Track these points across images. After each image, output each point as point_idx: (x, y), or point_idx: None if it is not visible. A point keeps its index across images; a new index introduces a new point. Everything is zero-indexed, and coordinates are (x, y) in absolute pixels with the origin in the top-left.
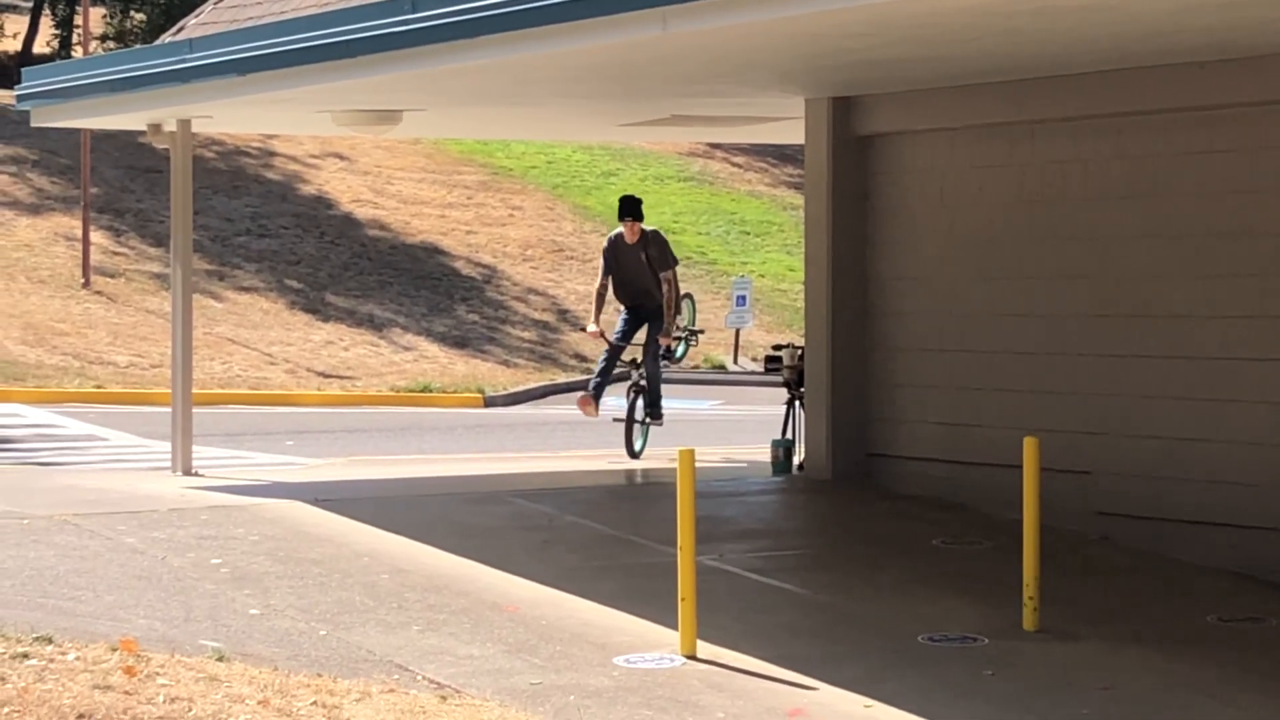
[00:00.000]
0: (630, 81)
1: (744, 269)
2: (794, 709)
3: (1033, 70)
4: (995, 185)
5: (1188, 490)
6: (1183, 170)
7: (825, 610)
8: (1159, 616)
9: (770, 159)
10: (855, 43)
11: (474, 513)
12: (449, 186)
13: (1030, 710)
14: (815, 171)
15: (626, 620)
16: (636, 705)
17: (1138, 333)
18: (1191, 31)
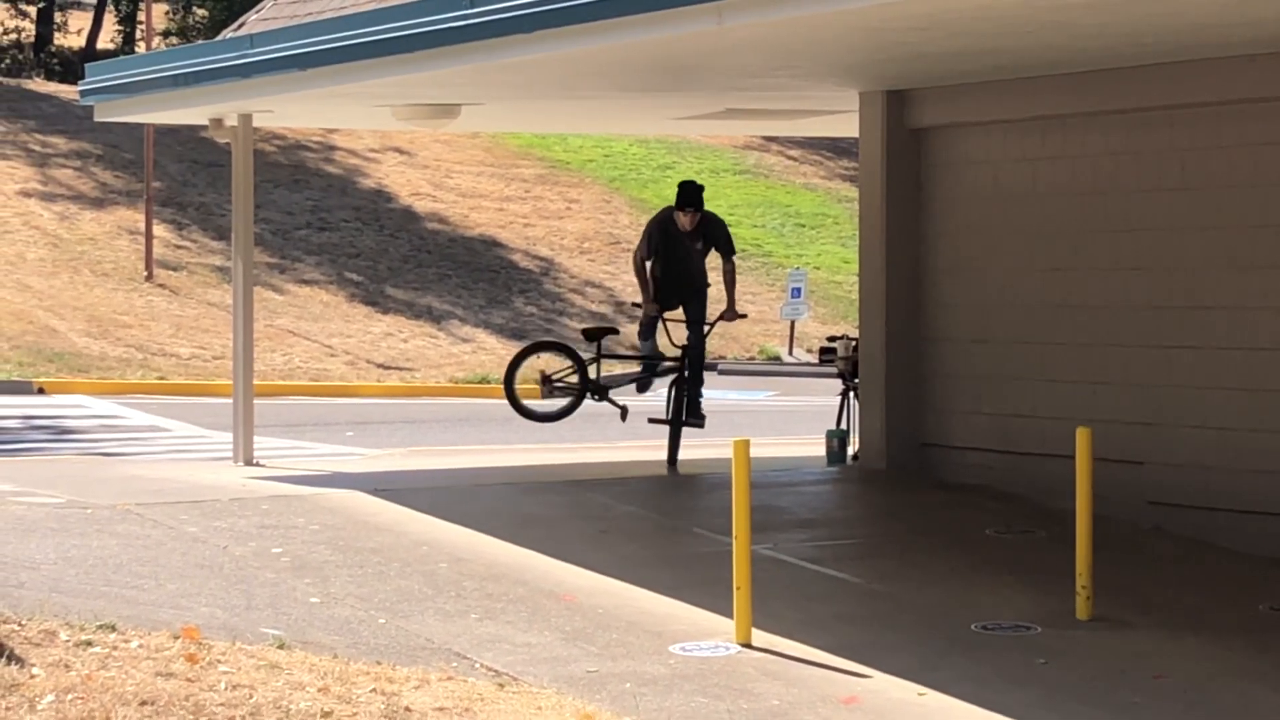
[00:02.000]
0: (685, 75)
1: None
2: (848, 696)
3: (1085, 63)
4: (1048, 177)
5: (1239, 480)
6: (1235, 162)
7: (879, 599)
8: (1211, 605)
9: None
10: (912, 36)
11: (531, 502)
12: (507, 180)
13: (1083, 699)
14: (869, 164)
15: (682, 609)
16: (692, 693)
17: (1190, 324)
18: (1244, 24)
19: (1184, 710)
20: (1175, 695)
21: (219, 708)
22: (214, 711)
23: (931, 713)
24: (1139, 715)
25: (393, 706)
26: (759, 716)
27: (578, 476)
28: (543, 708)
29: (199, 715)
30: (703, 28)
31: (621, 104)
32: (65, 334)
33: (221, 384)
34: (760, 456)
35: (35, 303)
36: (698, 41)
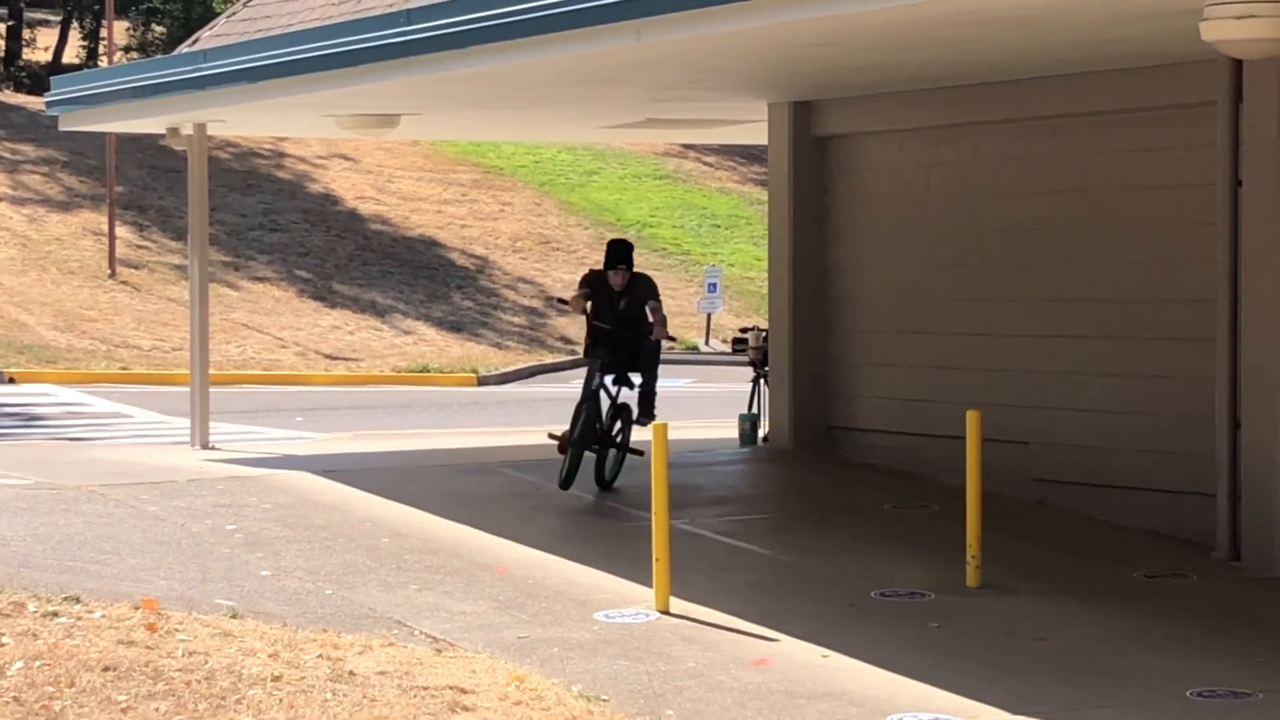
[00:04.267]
0: (608, 88)
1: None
2: (759, 659)
3: (977, 76)
4: (943, 181)
5: (1116, 458)
6: (1112, 167)
7: (788, 569)
8: (1090, 573)
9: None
10: (816, 52)
11: (468, 482)
12: (445, 184)
13: (973, 659)
14: (778, 170)
15: (606, 579)
16: (615, 656)
17: (1073, 315)
18: (1120, 41)
19: (1065, 669)
20: (1057, 655)
21: (176, 673)
22: (172, 676)
23: (835, 673)
24: (1024, 674)
25: (338, 670)
26: (676, 677)
27: (511, 458)
28: (477, 671)
29: (158, 680)
30: (622, 44)
31: (550, 114)
32: (34, 327)
33: (180, 374)
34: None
35: (5, 299)
36: (618, 57)
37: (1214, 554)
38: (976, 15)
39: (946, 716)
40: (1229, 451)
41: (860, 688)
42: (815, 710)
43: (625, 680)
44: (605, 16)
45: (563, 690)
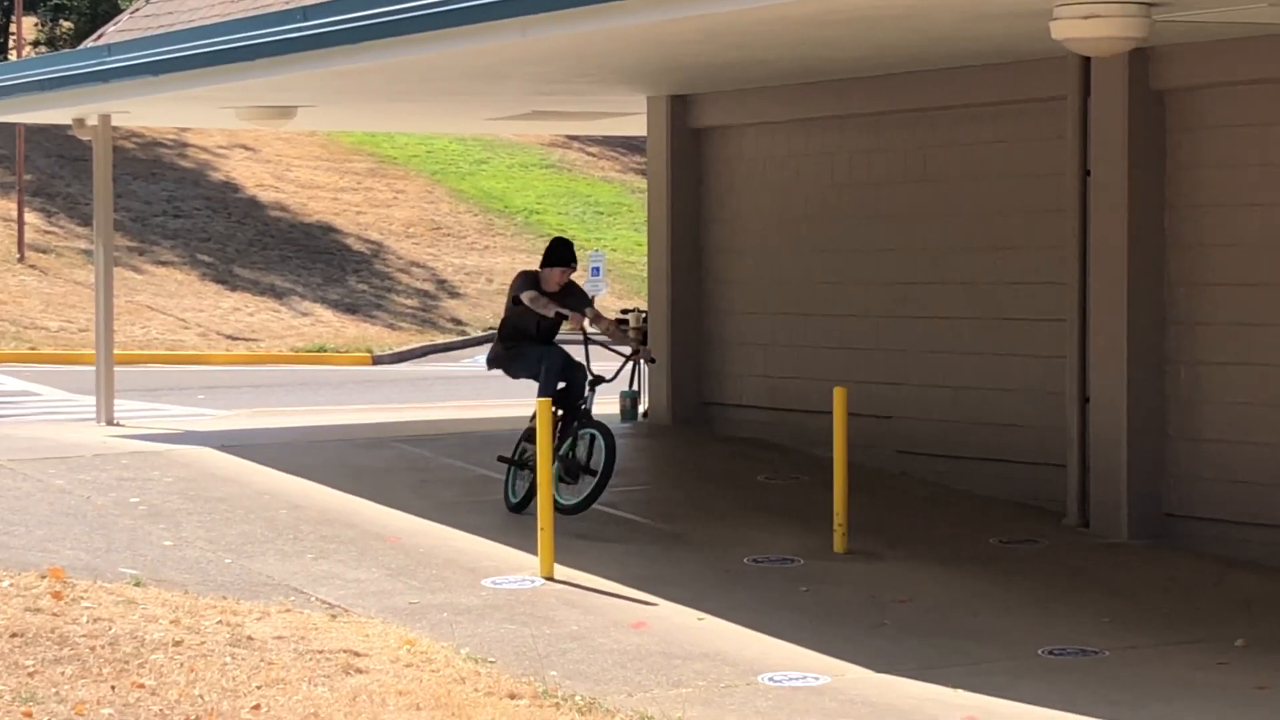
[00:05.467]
0: (495, 81)
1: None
2: (637, 621)
3: (846, 72)
4: (811, 171)
5: (973, 431)
6: (971, 158)
7: (666, 537)
8: (950, 539)
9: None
10: (691, 48)
11: (362, 456)
12: (341, 173)
13: (839, 621)
14: (656, 160)
15: (494, 548)
16: (501, 620)
17: (932, 297)
18: (976, 39)
19: (926, 629)
20: (918, 616)
21: (82, 638)
22: (77, 642)
23: (709, 635)
24: (887, 634)
25: (237, 635)
26: (559, 640)
27: (403, 434)
28: (370, 635)
29: (64, 645)
30: (508, 40)
31: (441, 106)
32: None
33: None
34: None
35: None
36: (504, 52)
37: (1065, 521)
38: (843, 14)
39: (814, 674)
40: (1078, 425)
41: (734, 648)
42: (691, 670)
43: (511, 643)
44: (492, 14)
45: (452, 653)
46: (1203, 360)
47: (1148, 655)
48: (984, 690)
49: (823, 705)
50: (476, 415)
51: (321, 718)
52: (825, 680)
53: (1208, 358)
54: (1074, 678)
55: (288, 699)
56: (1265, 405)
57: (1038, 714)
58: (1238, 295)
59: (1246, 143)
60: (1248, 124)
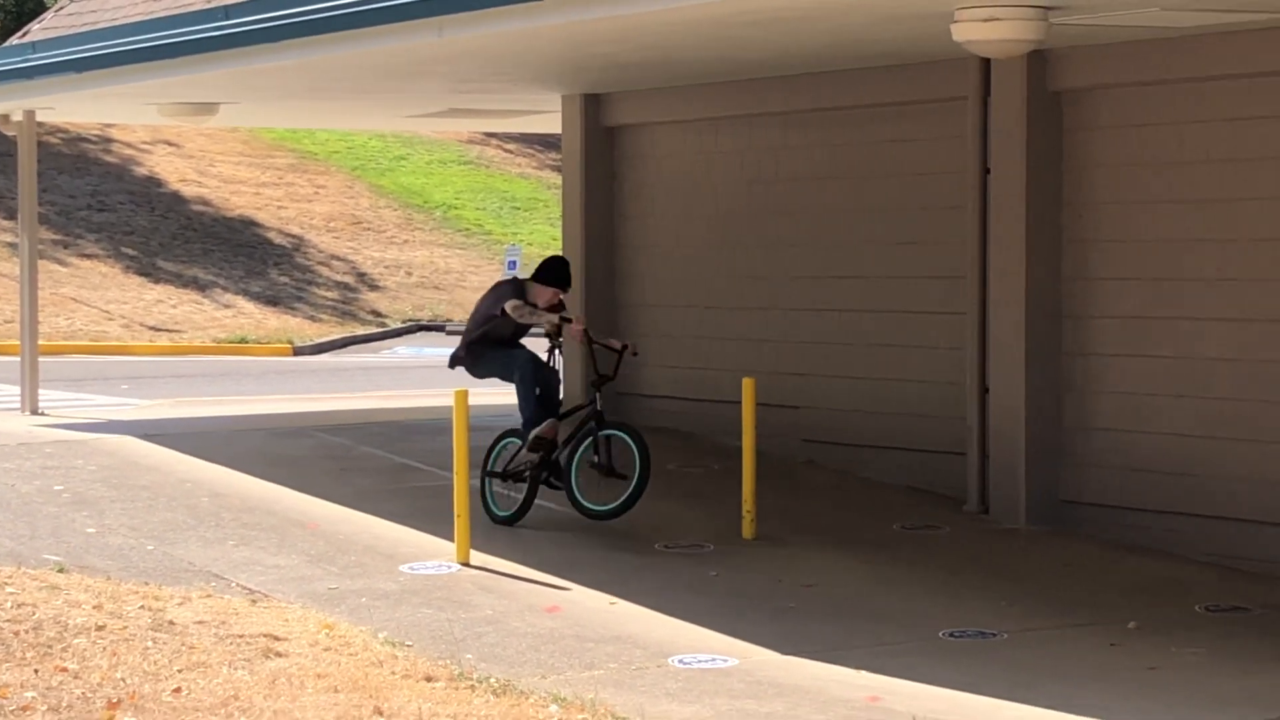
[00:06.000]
0: (413, 80)
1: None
2: (551, 606)
3: (755, 72)
4: (722, 168)
5: (878, 421)
6: (875, 156)
7: (579, 524)
8: (854, 526)
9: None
10: (604, 48)
11: (282, 445)
12: (263, 168)
13: (747, 604)
14: (571, 157)
15: (411, 534)
16: (418, 605)
17: (840, 291)
18: (881, 41)
19: (830, 612)
20: (823, 600)
21: (5, 623)
22: (1, 627)
23: (621, 618)
24: (793, 617)
25: (158, 620)
26: (475, 624)
27: (323, 423)
28: (289, 619)
29: None
30: (425, 40)
31: (361, 103)
32: None
33: (11, 344)
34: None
35: None
36: (422, 51)
37: (965, 507)
38: (751, 16)
39: (722, 656)
40: (978, 415)
41: (644, 631)
42: (603, 652)
43: (428, 627)
44: (409, 14)
45: (369, 637)
46: (1097, 352)
47: (1044, 637)
48: (886, 671)
49: (730, 686)
50: (396, 405)
51: (241, 700)
52: (733, 662)
53: (1102, 350)
54: (973, 659)
55: (208, 682)
56: (1155, 395)
57: (938, 694)
58: (1130, 289)
59: (1139, 142)
60: (1140, 124)
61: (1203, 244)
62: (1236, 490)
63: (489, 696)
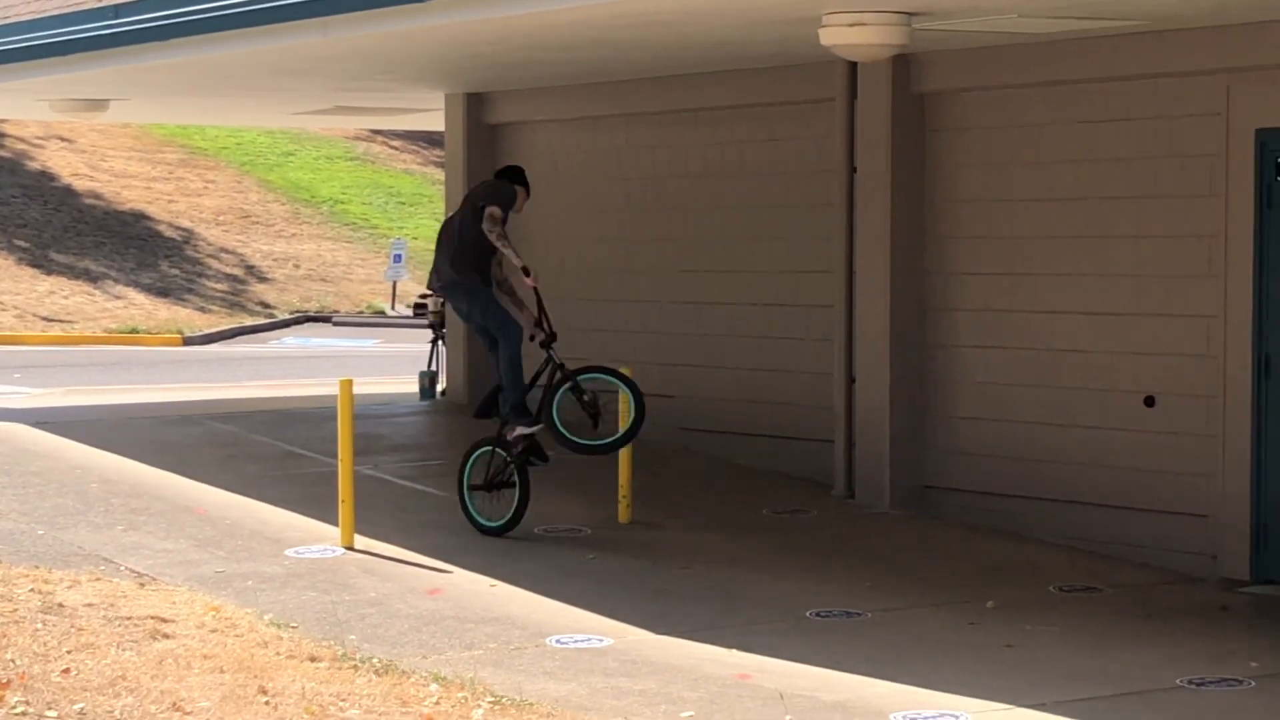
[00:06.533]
0: (300, 78)
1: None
2: (433, 588)
3: (634, 72)
4: (600, 165)
5: (751, 410)
6: (749, 154)
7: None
8: (727, 510)
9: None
10: (485, 49)
11: (172, 432)
12: (154, 163)
13: (623, 586)
14: (454, 154)
15: (297, 519)
16: (304, 588)
17: (715, 285)
18: (752, 44)
19: (703, 594)
20: (696, 582)
21: None
22: None
23: (501, 600)
24: (667, 599)
25: (48, 602)
26: (358, 606)
27: (211, 411)
28: (177, 602)
29: None
30: (311, 39)
31: (249, 100)
32: None
33: None
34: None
35: None
36: (307, 50)
37: (833, 492)
38: (627, 19)
39: (599, 636)
40: (845, 403)
41: (524, 612)
42: (483, 633)
43: (313, 609)
44: (295, 14)
45: (255, 619)
46: (958, 344)
47: (906, 616)
48: (756, 650)
49: (605, 665)
50: (282, 394)
51: (129, 680)
52: (609, 642)
53: (962, 341)
54: (838, 637)
55: (96, 663)
56: (1012, 385)
57: (805, 671)
58: (988, 284)
59: (998, 143)
60: (998, 126)
61: (1056, 241)
62: (1086, 475)
63: (371, 676)
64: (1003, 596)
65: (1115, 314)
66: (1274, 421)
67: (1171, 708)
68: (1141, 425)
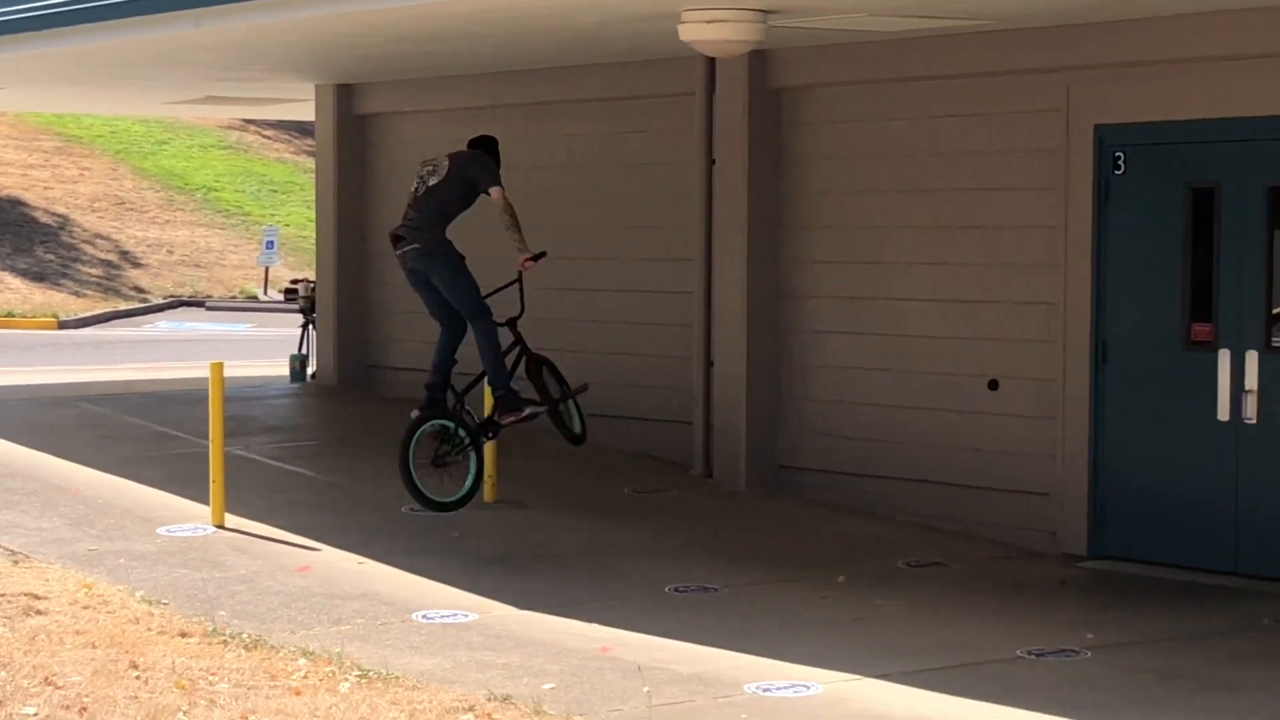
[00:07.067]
0: (173, 68)
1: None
2: (302, 566)
3: (497, 65)
4: None
5: (615, 392)
6: (611, 146)
7: (330, 489)
8: (590, 490)
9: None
10: (351, 41)
11: (46, 414)
12: (30, 151)
13: (488, 563)
14: (324, 144)
15: (169, 498)
16: (175, 565)
17: (578, 271)
18: (614, 39)
19: (566, 571)
20: (559, 559)
21: None
22: None
23: (369, 577)
24: (531, 575)
25: None
26: (228, 583)
27: (85, 393)
28: (50, 579)
29: None
30: (183, 30)
31: (124, 90)
32: None
33: None
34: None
35: None
36: (180, 41)
37: (691, 472)
38: (491, 14)
39: (464, 612)
40: (703, 386)
41: (391, 589)
42: (351, 609)
43: (184, 586)
44: (167, 5)
45: (127, 595)
46: (812, 329)
47: (761, 591)
48: (617, 624)
49: (470, 640)
50: (156, 376)
51: (1, 655)
52: (473, 617)
53: (817, 327)
54: (696, 612)
55: None
56: (863, 369)
57: (664, 644)
58: (841, 272)
59: (850, 137)
60: (851, 120)
61: (905, 231)
62: (934, 456)
63: (241, 651)
64: (853, 572)
65: (962, 301)
66: (1111, 404)
67: (1011, 678)
68: (986, 408)
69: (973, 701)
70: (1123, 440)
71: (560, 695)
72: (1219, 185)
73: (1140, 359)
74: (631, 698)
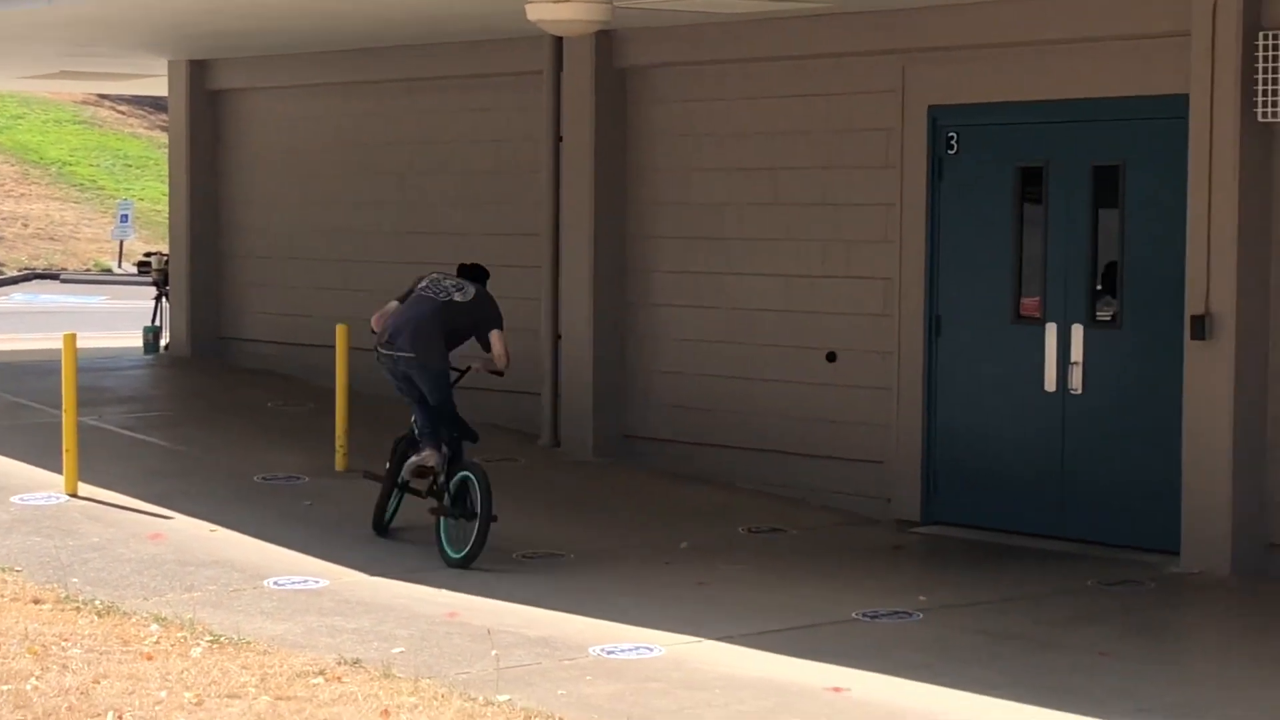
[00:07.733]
0: (27, 43)
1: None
2: (154, 533)
3: (348, 44)
4: (318, 131)
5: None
6: (461, 123)
7: (183, 458)
8: None
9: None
10: (201, 18)
11: None
12: None
13: (339, 531)
14: (177, 118)
15: (22, 468)
16: (28, 534)
17: (427, 245)
18: (463, 18)
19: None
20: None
21: None
22: None
23: (221, 545)
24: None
25: None
26: (81, 550)
27: None
28: None
29: None
30: (34, 6)
31: None
32: None
33: None
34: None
35: None
36: (31, 17)
37: (539, 442)
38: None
39: (315, 578)
40: (551, 358)
41: (243, 556)
42: (203, 576)
43: (37, 554)
44: None
45: None
46: (658, 303)
47: (606, 557)
48: (465, 590)
49: (321, 605)
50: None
51: None
52: (324, 583)
53: (662, 300)
54: (543, 578)
55: None
56: (708, 341)
57: (512, 609)
58: (685, 247)
59: (694, 116)
60: (695, 99)
61: (747, 207)
62: (775, 425)
63: (94, 617)
64: (696, 538)
65: (801, 276)
66: (944, 376)
67: (846, 637)
68: (824, 379)
69: (811, 662)
70: (955, 410)
71: (410, 659)
72: (1047, 165)
73: (972, 332)
74: (479, 660)
